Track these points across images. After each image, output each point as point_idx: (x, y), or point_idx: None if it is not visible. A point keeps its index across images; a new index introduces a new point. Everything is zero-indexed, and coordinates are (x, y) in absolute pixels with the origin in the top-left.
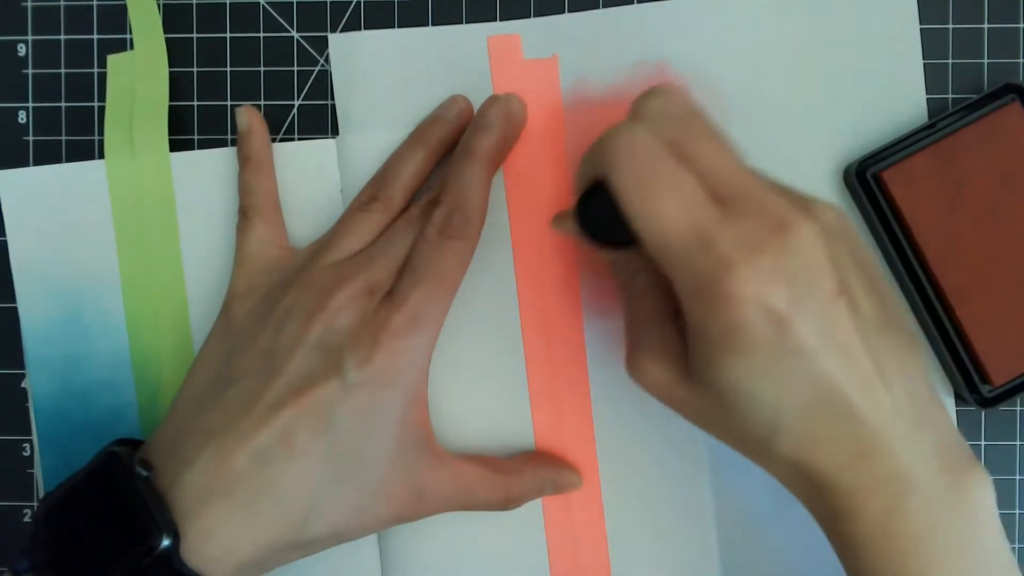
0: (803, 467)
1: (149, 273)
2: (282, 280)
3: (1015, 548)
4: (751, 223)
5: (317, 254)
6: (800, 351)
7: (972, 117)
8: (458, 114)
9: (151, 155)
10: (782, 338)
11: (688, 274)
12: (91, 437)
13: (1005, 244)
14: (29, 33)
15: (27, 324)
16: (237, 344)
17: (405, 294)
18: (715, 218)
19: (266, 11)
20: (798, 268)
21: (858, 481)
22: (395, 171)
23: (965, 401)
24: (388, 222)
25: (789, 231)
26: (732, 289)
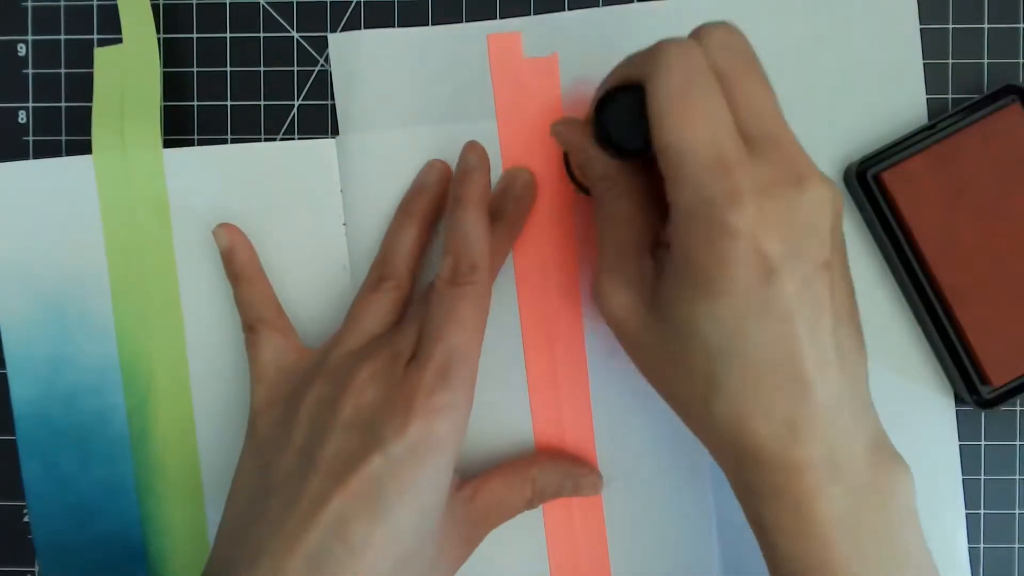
0: (735, 433)
1: (140, 272)
2: (303, 380)
3: (1015, 548)
4: (772, 167)
5: (334, 346)
6: (773, 308)
7: (972, 118)
8: (438, 179)
9: (143, 151)
10: (762, 289)
11: (695, 195)
12: (75, 442)
13: (1005, 245)
14: (29, 33)
15: (7, 324)
16: (269, 454)
17: (429, 351)
18: (739, 152)
19: (266, 11)
20: (801, 225)
21: (788, 458)
22: (393, 248)
23: (964, 402)
24: (400, 300)
25: (805, 187)
26: (733, 222)
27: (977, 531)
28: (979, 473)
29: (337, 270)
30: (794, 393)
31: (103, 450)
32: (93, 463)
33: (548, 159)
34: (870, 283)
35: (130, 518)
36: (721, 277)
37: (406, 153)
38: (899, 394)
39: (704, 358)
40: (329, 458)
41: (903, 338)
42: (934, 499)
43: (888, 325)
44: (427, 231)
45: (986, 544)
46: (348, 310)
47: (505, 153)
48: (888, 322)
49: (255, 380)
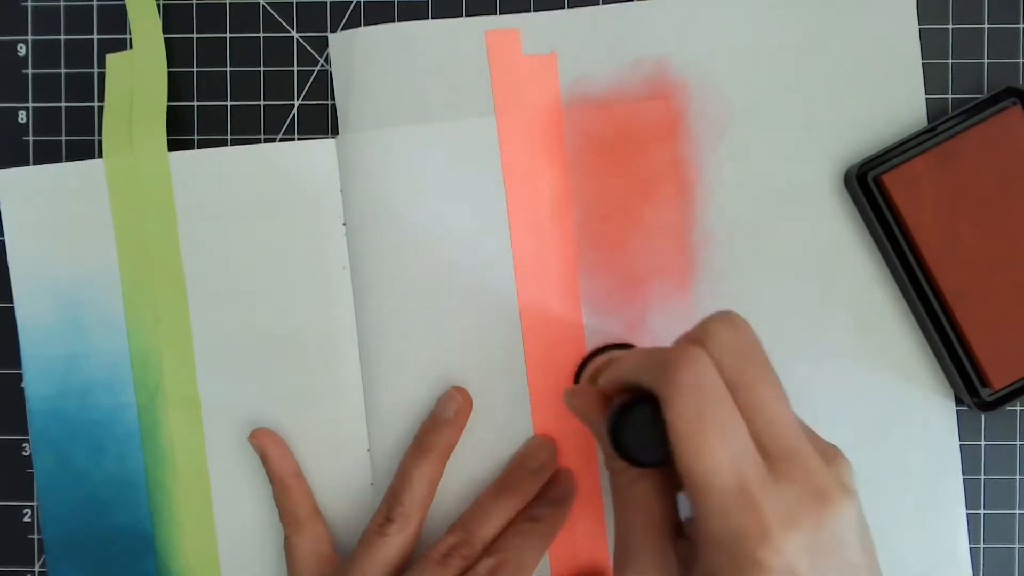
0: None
1: (148, 272)
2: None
3: (1015, 548)
4: (794, 490)
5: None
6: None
7: (972, 120)
8: (457, 413)
9: (150, 154)
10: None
11: (722, 526)
12: (87, 437)
13: (1005, 248)
14: (29, 33)
15: (24, 324)
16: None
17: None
18: (761, 477)
19: (266, 11)
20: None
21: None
22: (407, 484)
23: (965, 404)
24: (406, 541)
25: (829, 504)
26: (766, 561)
27: (977, 531)
28: (979, 473)
29: (337, 270)
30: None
31: (114, 445)
32: (104, 458)
33: (547, 161)
34: (870, 285)
35: (140, 512)
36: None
37: (406, 152)
38: (899, 395)
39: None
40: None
41: (904, 340)
42: (934, 499)
43: (889, 327)
44: (442, 466)
45: (986, 544)
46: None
47: (504, 151)
48: (889, 324)
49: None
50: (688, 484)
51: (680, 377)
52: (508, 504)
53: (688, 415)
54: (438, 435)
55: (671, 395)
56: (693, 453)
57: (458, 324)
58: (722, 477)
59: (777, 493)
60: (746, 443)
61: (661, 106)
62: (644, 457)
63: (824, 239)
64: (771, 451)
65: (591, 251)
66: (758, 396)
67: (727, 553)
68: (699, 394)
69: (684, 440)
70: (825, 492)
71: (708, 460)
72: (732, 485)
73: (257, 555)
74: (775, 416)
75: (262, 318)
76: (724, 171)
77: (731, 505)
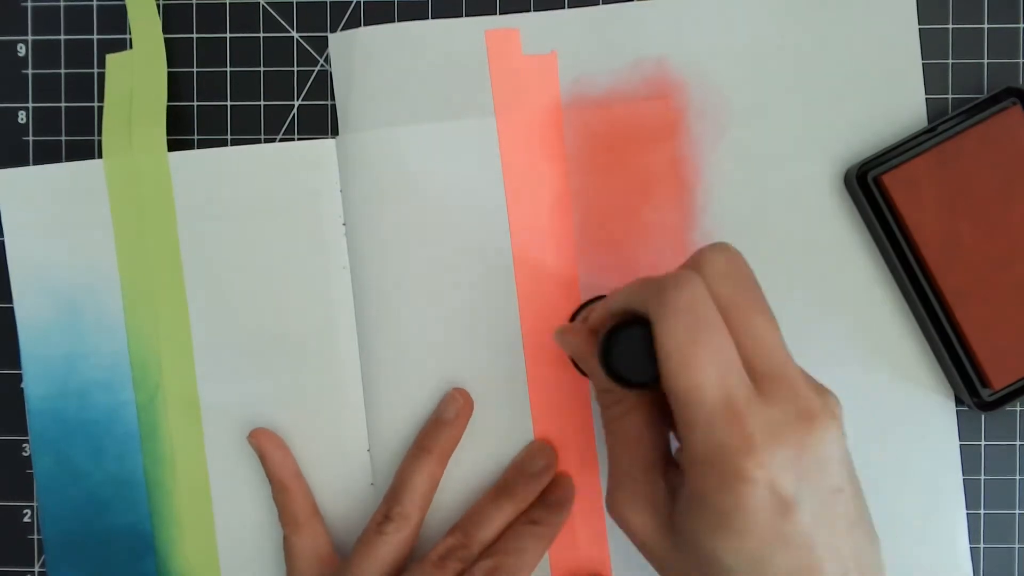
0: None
1: (148, 272)
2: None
3: (1015, 548)
4: (780, 408)
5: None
6: (793, 538)
7: (972, 121)
8: (458, 414)
9: (149, 154)
10: (780, 524)
11: (707, 441)
12: (87, 437)
13: (1005, 248)
14: (29, 33)
15: (23, 324)
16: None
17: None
18: (748, 394)
19: (266, 11)
20: (813, 460)
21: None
22: (406, 485)
23: (965, 404)
24: (405, 541)
25: (814, 424)
26: (749, 471)
27: (977, 531)
28: (979, 473)
29: (337, 270)
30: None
31: (114, 445)
32: (104, 458)
33: (547, 161)
34: (870, 285)
35: (139, 512)
36: (740, 519)
37: (406, 152)
38: (899, 395)
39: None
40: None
41: (903, 340)
42: (934, 499)
43: (888, 327)
44: (442, 467)
45: (986, 544)
46: (357, 542)
47: (504, 151)
48: (888, 324)
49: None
50: (675, 401)
51: (673, 298)
52: (507, 507)
53: (679, 333)
54: (439, 436)
55: (663, 315)
56: (682, 370)
57: (458, 324)
58: (709, 392)
59: (763, 410)
60: (735, 362)
61: (661, 106)
62: (634, 377)
63: (824, 239)
64: (760, 372)
65: (591, 251)
66: (749, 320)
67: (712, 467)
68: (691, 314)
69: (674, 357)
70: (811, 413)
71: (696, 376)
72: (718, 400)
73: (257, 555)
74: (765, 340)
75: (262, 318)
76: (724, 171)
77: (717, 419)
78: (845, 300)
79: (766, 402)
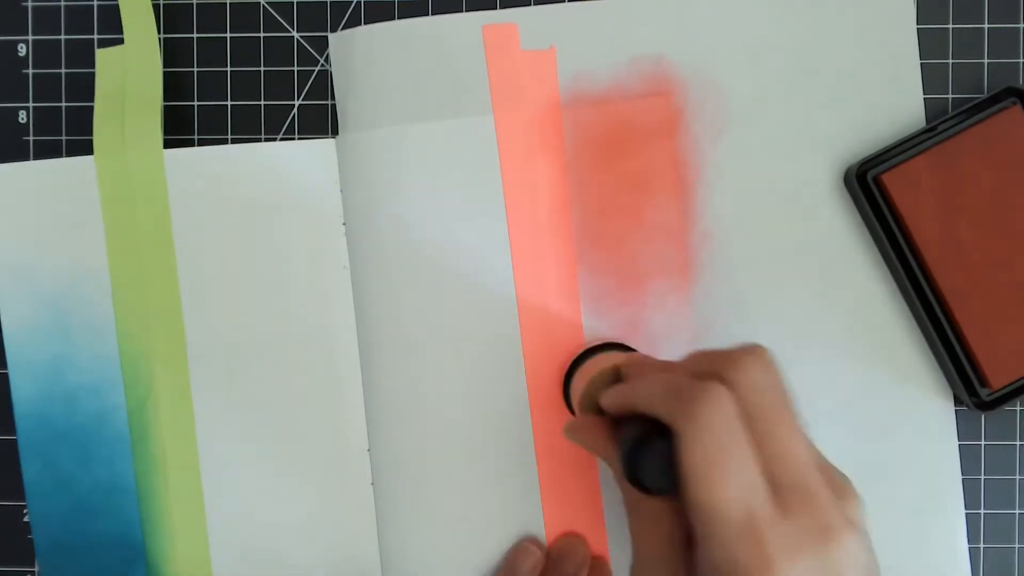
0: None
1: (141, 273)
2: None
3: (1015, 548)
4: (800, 525)
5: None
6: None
7: (972, 120)
8: (532, 568)
9: (143, 152)
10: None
11: (726, 556)
12: (75, 442)
13: (1005, 247)
14: (29, 33)
15: (8, 325)
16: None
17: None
18: (769, 512)
19: (266, 11)
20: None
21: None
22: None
23: (964, 404)
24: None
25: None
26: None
27: (977, 531)
28: (979, 473)
29: (337, 270)
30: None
31: (103, 450)
32: (93, 463)
33: (545, 158)
34: (870, 285)
35: (130, 518)
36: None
37: (405, 152)
38: (899, 395)
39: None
40: None
41: (903, 340)
42: (934, 499)
43: (888, 327)
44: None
45: (986, 544)
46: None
47: (503, 149)
48: (888, 324)
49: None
50: (696, 515)
51: (700, 416)
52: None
53: (703, 453)
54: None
55: (689, 432)
56: (704, 489)
57: (457, 323)
58: (730, 511)
59: (783, 527)
60: (756, 477)
61: (660, 103)
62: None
63: (824, 239)
64: (781, 484)
65: (590, 249)
66: (774, 430)
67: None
68: (716, 433)
69: (696, 475)
70: (830, 527)
71: (718, 495)
72: (740, 518)
73: (249, 564)
74: (788, 450)
75: (261, 318)
76: (723, 170)
77: (737, 537)
78: (845, 300)
79: (786, 518)
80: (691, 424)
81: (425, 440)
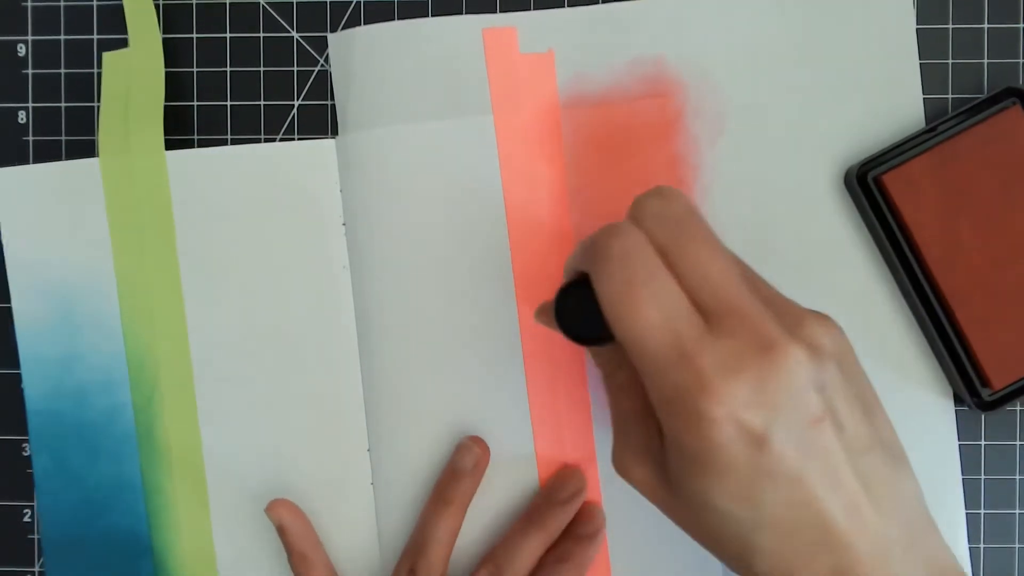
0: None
1: (145, 272)
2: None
3: (1015, 548)
4: (734, 342)
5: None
6: (778, 473)
7: (973, 120)
8: (474, 464)
9: (146, 153)
10: (758, 460)
11: (664, 386)
12: (84, 438)
13: (1006, 248)
14: (29, 33)
15: (21, 324)
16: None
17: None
18: (697, 332)
19: (266, 11)
20: (778, 391)
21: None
22: (428, 537)
23: (964, 403)
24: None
25: (772, 353)
26: (707, 410)
27: (977, 531)
28: (979, 473)
29: (337, 270)
30: (833, 546)
31: (111, 447)
32: (101, 459)
33: (545, 160)
34: (870, 285)
35: (136, 514)
36: (715, 459)
37: (405, 152)
38: (899, 394)
39: (732, 525)
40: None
41: (903, 340)
42: (933, 499)
43: (888, 327)
44: (462, 518)
45: (986, 544)
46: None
47: (502, 150)
48: (888, 324)
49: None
50: (629, 353)
51: (605, 249)
52: (537, 537)
53: (615, 283)
54: (458, 487)
55: (597, 267)
56: (624, 318)
57: (457, 323)
58: (655, 336)
59: (715, 346)
60: (679, 303)
61: (659, 105)
62: (585, 333)
63: (824, 239)
64: (709, 308)
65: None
66: (691, 255)
67: (673, 410)
68: (624, 261)
69: (614, 307)
70: (769, 342)
71: (639, 322)
72: (666, 342)
73: (254, 557)
74: (711, 273)
75: (261, 318)
76: (722, 171)
77: (667, 362)
78: (845, 300)
79: (717, 336)
80: (600, 260)
81: (425, 440)
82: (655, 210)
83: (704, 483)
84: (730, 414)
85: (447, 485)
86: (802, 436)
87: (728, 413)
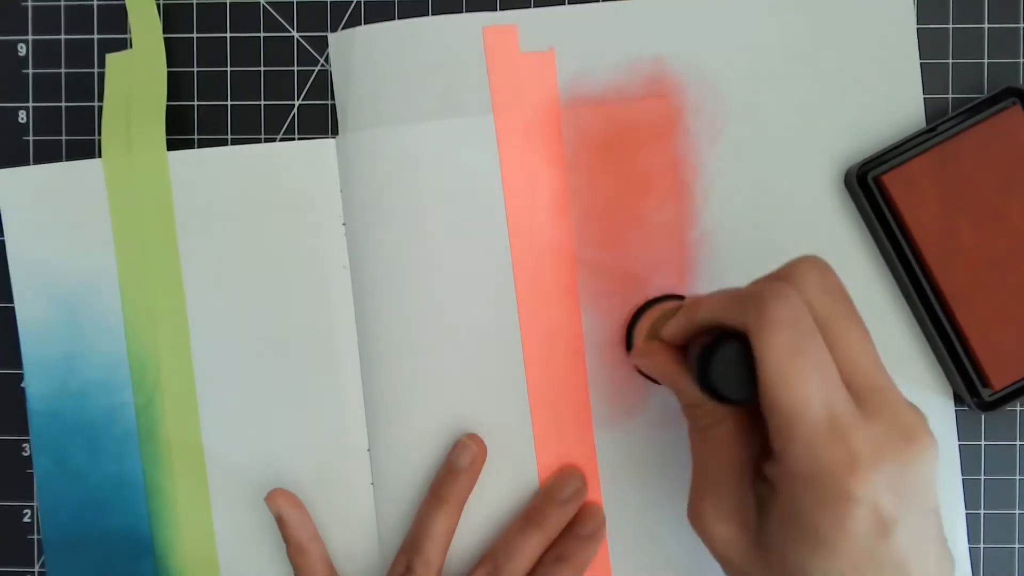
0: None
1: (147, 272)
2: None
3: (1015, 548)
4: (882, 427)
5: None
6: (888, 561)
7: (973, 120)
8: (471, 462)
9: (148, 154)
10: (877, 544)
11: (809, 458)
12: (85, 438)
13: (1006, 248)
14: (29, 33)
15: (24, 324)
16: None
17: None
18: (851, 411)
19: (266, 11)
20: (913, 481)
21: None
22: (424, 534)
23: (964, 403)
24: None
25: (915, 443)
26: (853, 490)
27: (977, 531)
28: (979, 473)
29: (337, 270)
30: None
31: (112, 446)
32: (102, 459)
33: (544, 159)
34: (870, 285)
35: (138, 513)
36: (838, 538)
37: (405, 152)
38: None
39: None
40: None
41: (903, 339)
42: None
43: (889, 327)
44: (458, 515)
45: (986, 544)
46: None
47: (503, 149)
48: (889, 324)
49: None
50: (776, 418)
51: (774, 312)
52: (536, 537)
53: (782, 349)
54: (454, 484)
55: (765, 330)
56: (785, 385)
57: (457, 323)
58: (813, 410)
59: (866, 428)
60: (836, 379)
61: (659, 104)
62: (734, 394)
63: (824, 239)
64: (859, 389)
65: (589, 249)
66: (846, 335)
67: (812, 486)
68: (792, 328)
69: (777, 373)
70: (912, 432)
71: (800, 391)
72: (822, 416)
73: (256, 556)
74: (862, 355)
75: (261, 318)
76: (723, 170)
77: (820, 437)
78: None
79: (868, 419)
80: (765, 321)
81: (425, 440)
82: (817, 281)
83: (812, 559)
84: (871, 497)
85: (443, 482)
86: (917, 526)
87: (870, 496)
